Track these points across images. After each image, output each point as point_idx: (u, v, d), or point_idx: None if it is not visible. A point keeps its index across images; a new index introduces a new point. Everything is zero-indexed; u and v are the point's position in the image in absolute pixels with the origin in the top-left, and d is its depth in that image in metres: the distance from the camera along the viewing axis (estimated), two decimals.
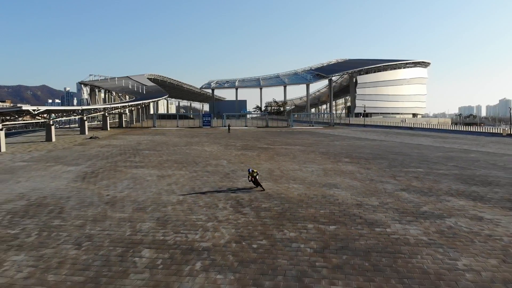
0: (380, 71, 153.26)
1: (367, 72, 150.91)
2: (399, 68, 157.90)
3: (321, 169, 21.67)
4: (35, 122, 47.11)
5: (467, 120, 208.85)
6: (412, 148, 32.66)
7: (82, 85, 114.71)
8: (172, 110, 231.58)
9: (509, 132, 49.05)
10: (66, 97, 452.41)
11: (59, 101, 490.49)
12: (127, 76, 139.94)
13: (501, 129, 53.52)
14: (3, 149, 30.69)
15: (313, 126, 75.88)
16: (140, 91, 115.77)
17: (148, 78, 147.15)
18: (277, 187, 17.16)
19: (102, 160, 25.51)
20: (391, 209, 13.54)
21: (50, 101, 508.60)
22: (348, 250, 9.78)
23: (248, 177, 16.44)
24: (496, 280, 8.23)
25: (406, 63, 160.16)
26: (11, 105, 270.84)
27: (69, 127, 65.24)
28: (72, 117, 49.26)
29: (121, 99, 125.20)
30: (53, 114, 42.47)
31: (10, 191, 16.55)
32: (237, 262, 9.05)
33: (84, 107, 48.11)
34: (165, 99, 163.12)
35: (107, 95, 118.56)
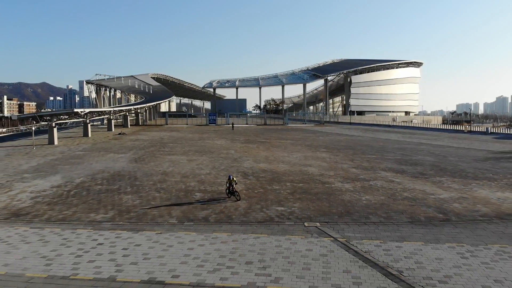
0: (374, 71, 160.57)
1: (361, 72, 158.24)
2: (392, 68, 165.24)
3: (303, 156, 30.02)
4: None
5: (458, 117, 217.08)
6: (378, 142, 41.11)
7: (89, 84, 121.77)
8: (173, 108, 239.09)
9: (469, 129, 57.45)
10: (69, 94, 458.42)
11: (61, 99, 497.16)
12: (132, 76, 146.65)
13: (463, 127, 61.92)
14: (56, 143, 38.89)
15: (305, 124, 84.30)
16: (147, 90, 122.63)
17: (152, 77, 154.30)
18: (270, 166, 25.45)
19: (141, 150, 33.83)
20: (340, 177, 21.87)
21: (51, 98, 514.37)
22: (306, 193, 18.05)
23: (226, 183, 17.25)
24: (377, 203, 16.46)
25: (399, 64, 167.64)
26: (18, 103, 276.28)
27: (92, 125, 73.30)
28: (103, 116, 57.05)
29: (128, 98, 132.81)
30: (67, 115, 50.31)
31: (92, 168, 24.79)
32: (247, 196, 17.31)
33: (115, 108, 56.33)
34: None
35: (111, 94, 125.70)
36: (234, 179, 17.11)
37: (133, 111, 65.73)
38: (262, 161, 27.65)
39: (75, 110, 40.32)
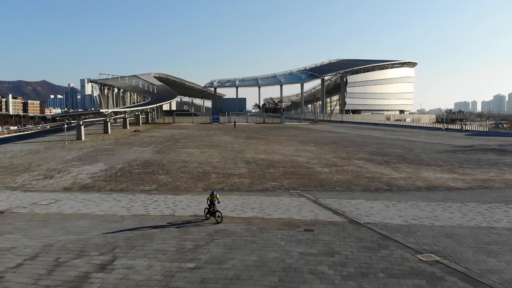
0: (369, 71, 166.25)
1: (357, 72, 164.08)
2: (387, 68, 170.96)
3: (295, 149, 36.35)
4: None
5: (453, 116, 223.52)
6: (361, 138, 47.52)
7: (93, 83, 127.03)
8: (173, 107, 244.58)
9: (447, 127, 63.89)
10: (70, 93, 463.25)
11: (61, 97, 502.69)
12: (135, 75, 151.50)
13: (442, 125, 68.39)
14: (83, 138, 45.09)
15: (301, 122, 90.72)
16: (151, 90, 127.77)
17: (154, 76, 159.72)
18: (268, 156, 31.75)
19: (159, 144, 40.09)
20: (321, 164, 28.18)
21: (52, 96, 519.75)
22: (294, 174, 24.33)
23: (207, 201, 14.52)
24: (344, 180, 22.72)
25: (394, 64, 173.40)
26: (22, 101, 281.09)
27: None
28: (120, 116, 62.95)
29: (132, 97, 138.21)
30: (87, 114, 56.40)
31: (125, 158, 31.00)
32: (250, 176, 23.58)
33: (132, 108, 62.60)
34: None
35: (114, 94, 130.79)
36: (218, 196, 14.54)
37: (145, 111, 71.93)
38: (261, 152, 33.95)
39: (101, 110, 46.54)
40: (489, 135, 56.34)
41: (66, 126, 43.87)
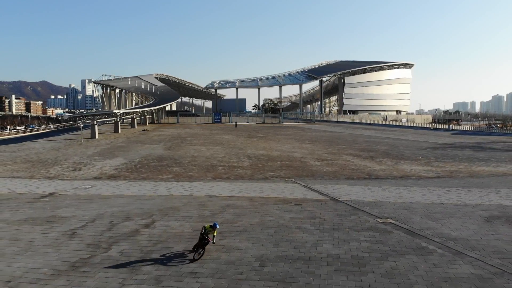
0: (366, 72, 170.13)
1: (354, 73, 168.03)
2: (384, 69, 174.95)
3: (291, 146, 40.31)
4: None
5: (450, 116, 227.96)
6: (353, 136, 51.53)
7: (96, 84, 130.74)
8: (174, 107, 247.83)
9: (435, 127, 67.93)
10: (71, 93, 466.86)
11: (61, 97, 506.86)
12: (137, 76, 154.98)
13: (431, 125, 72.50)
14: (97, 137, 48.99)
15: (298, 122, 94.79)
16: (153, 91, 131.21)
17: (155, 77, 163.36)
18: (267, 152, 35.70)
19: (168, 142, 44.03)
20: (314, 158, 32.14)
21: (52, 97, 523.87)
22: (289, 167, 28.27)
23: (202, 233, 11.28)
24: (331, 171, 26.66)
25: (390, 65, 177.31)
26: (25, 102, 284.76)
27: (108, 123, 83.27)
28: (129, 116, 66.84)
29: (134, 98, 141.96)
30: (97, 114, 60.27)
31: (140, 154, 34.91)
32: (251, 168, 27.53)
33: (141, 109, 66.63)
34: None
35: (116, 95, 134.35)
36: (215, 234, 11.69)
37: (151, 111, 76.01)
38: (261, 149, 37.91)
39: (114, 111, 50.43)
40: (473, 134, 60.34)
41: (82, 125, 47.74)
